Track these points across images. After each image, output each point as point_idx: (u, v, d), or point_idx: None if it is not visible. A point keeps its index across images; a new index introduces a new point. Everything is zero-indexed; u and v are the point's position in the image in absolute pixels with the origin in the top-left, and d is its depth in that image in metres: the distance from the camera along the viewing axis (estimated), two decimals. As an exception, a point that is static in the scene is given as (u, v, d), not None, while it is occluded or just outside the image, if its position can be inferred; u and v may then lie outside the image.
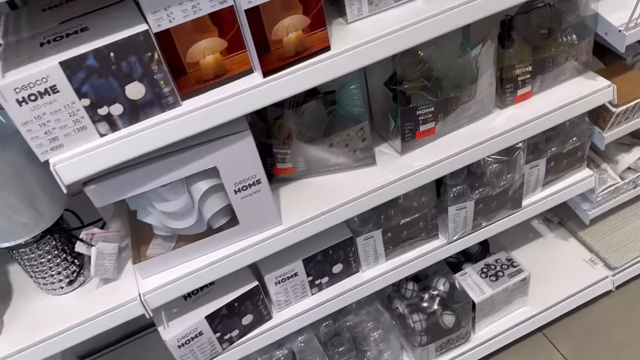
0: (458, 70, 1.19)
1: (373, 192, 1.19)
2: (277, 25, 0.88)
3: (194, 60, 0.88)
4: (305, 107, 1.12)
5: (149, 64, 0.83)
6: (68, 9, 0.92)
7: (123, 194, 0.97)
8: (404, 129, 1.19)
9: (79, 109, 0.83)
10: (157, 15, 0.81)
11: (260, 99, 0.94)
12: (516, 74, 1.25)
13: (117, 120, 0.86)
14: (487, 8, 1.03)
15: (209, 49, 0.88)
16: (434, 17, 0.99)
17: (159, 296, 1.10)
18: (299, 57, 0.93)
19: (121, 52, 0.81)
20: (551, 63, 1.26)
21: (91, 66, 0.80)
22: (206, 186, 1.03)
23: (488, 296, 1.46)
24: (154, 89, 0.86)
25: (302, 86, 0.96)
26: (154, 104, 0.87)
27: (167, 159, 0.95)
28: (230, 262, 1.13)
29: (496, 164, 1.33)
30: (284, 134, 1.15)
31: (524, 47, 1.24)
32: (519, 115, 1.27)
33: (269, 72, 0.92)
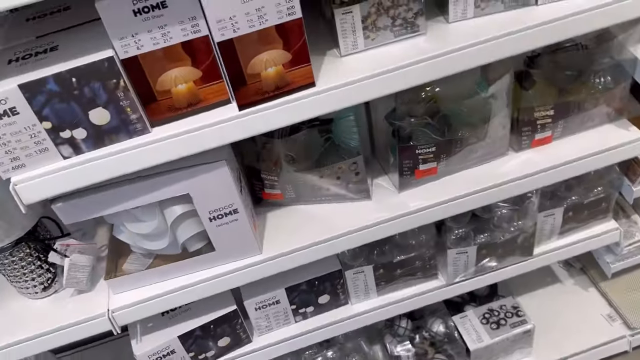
0: (468, 110, 1.09)
1: (363, 230, 1.12)
2: (254, 59, 0.82)
3: (164, 89, 0.83)
4: (295, 137, 1.06)
5: (114, 90, 0.80)
6: (49, 21, 0.89)
7: (92, 213, 0.95)
8: (403, 167, 1.11)
9: (40, 132, 0.80)
10: (124, 41, 0.77)
11: (235, 131, 0.89)
12: (535, 116, 1.14)
13: (80, 143, 0.84)
14: (496, 53, 0.93)
15: (181, 77, 0.83)
16: (436, 59, 0.91)
17: (128, 314, 1.08)
18: (279, 92, 0.87)
19: (84, 77, 0.77)
20: (577, 108, 1.14)
21: (52, 90, 0.77)
22: (181, 211, 0.99)
23: (485, 345, 1.37)
24: (120, 115, 0.82)
25: (281, 122, 0.90)
26: (120, 130, 0.84)
27: (137, 183, 0.92)
28: (206, 287, 1.10)
29: (505, 210, 1.23)
30: (273, 160, 1.10)
31: (546, 88, 1.12)
32: (535, 161, 1.16)
33: (245, 105, 0.86)
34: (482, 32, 0.92)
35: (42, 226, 1.07)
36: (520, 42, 0.93)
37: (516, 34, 0.92)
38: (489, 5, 0.93)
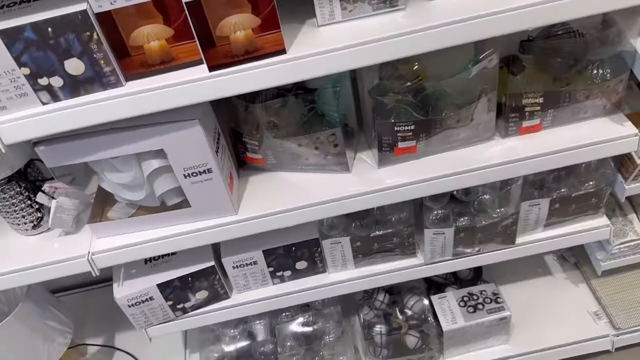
0: (452, 90, 1.08)
1: (338, 200, 1.14)
2: (222, 21, 0.84)
3: (137, 44, 0.87)
4: (277, 103, 1.08)
5: (87, 42, 0.83)
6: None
7: (72, 159, 1.00)
8: (382, 143, 1.12)
9: (20, 77, 0.85)
10: (97, -5, 0.80)
11: (205, 91, 0.91)
12: (523, 103, 1.12)
13: (57, 91, 0.88)
14: (476, 32, 0.92)
15: (153, 34, 0.86)
16: (413, 34, 0.90)
17: (107, 258, 1.14)
18: (248, 57, 0.88)
19: (58, 28, 0.81)
20: (568, 98, 1.11)
21: (29, 38, 0.81)
22: (157, 165, 1.04)
23: (459, 327, 1.38)
24: (94, 67, 0.86)
25: (251, 86, 0.92)
26: (95, 81, 0.88)
27: (113, 134, 0.96)
28: (183, 239, 1.15)
29: (485, 195, 1.22)
30: (254, 125, 1.13)
31: (536, 75, 1.10)
32: (519, 148, 1.15)
33: (215, 67, 0.89)
34: (462, 11, 0.91)
35: (34, 168, 1.14)
36: (502, 23, 0.91)
37: (499, 15, 0.90)
38: (471, -16, 0.92)
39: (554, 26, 1.06)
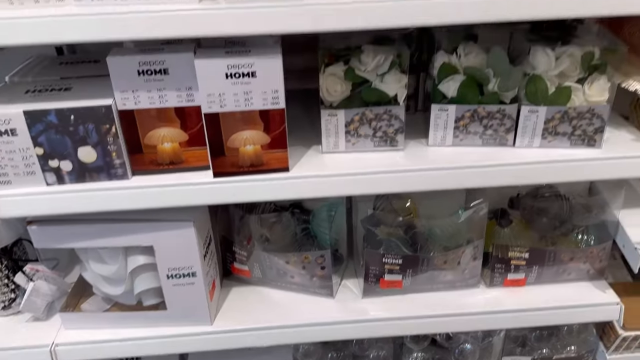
0: (442, 232, 1.12)
1: (317, 326, 1.12)
2: (235, 134, 0.90)
3: (152, 143, 0.92)
4: (267, 217, 1.11)
5: (105, 134, 0.89)
6: (78, 67, 1.02)
7: (62, 243, 1.00)
8: (369, 273, 1.13)
9: (32, 155, 0.89)
10: (124, 95, 0.87)
11: (206, 196, 0.95)
12: (509, 256, 1.14)
13: (65, 175, 0.92)
14: (466, 181, 0.97)
15: (169, 137, 0.92)
16: (407, 172, 0.96)
17: (71, 352, 1.09)
18: (253, 169, 0.93)
19: (81, 117, 0.87)
20: (553, 257, 1.14)
21: (51, 121, 0.87)
22: (143, 261, 1.04)
23: None
24: (105, 158, 0.91)
25: (252, 196, 0.96)
26: (102, 171, 0.92)
27: (108, 224, 0.98)
28: (153, 344, 1.11)
29: (467, 344, 1.20)
30: (247, 236, 1.15)
31: (523, 230, 1.14)
32: (503, 300, 1.15)
33: (219, 173, 0.93)
34: (457, 159, 0.97)
35: (20, 247, 1.14)
36: (491, 176, 0.97)
37: (489, 169, 0.97)
38: (467, 137, 0.99)
39: (542, 187, 1.13)
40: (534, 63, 0.94)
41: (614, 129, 1.04)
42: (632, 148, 0.98)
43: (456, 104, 0.97)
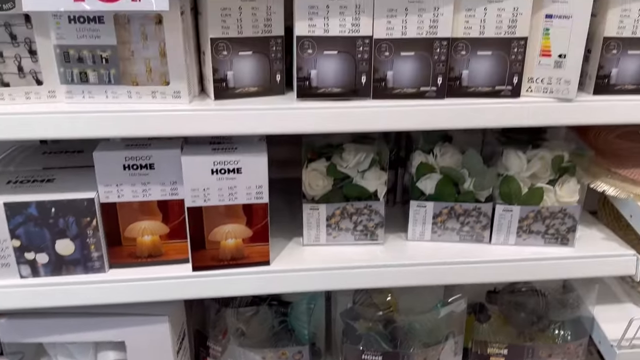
0: (422, 327, 1.11)
1: None
2: (217, 228, 0.90)
3: (132, 236, 0.91)
4: (244, 310, 1.09)
5: (85, 227, 0.88)
6: (61, 158, 1.02)
7: (31, 337, 0.97)
8: (347, 370, 1.10)
9: (8, 247, 0.88)
10: (108, 188, 0.88)
11: (185, 291, 0.93)
12: (489, 352, 1.13)
13: (40, 267, 0.90)
14: (444, 278, 0.99)
15: (149, 230, 0.91)
16: (387, 268, 0.97)
17: None
18: (233, 263, 0.93)
19: (62, 210, 0.86)
20: (531, 354, 1.14)
21: (31, 214, 0.86)
22: (114, 357, 1.00)
23: None
24: (83, 251, 0.89)
25: (231, 291, 0.95)
26: (79, 264, 0.90)
27: (79, 318, 0.95)
28: None
29: None
30: (222, 330, 1.12)
31: (502, 326, 1.14)
32: (484, 398, 1.13)
33: (199, 267, 0.92)
34: (436, 255, 0.99)
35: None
36: (468, 274, 0.99)
37: (465, 265, 0.98)
38: (445, 233, 1.02)
39: (518, 282, 1.14)
40: (506, 165, 0.98)
41: (585, 227, 1.08)
42: (603, 247, 1.01)
43: (434, 201, 0.99)
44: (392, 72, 0.87)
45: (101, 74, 0.81)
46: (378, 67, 0.86)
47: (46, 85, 0.82)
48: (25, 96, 0.81)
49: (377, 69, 0.86)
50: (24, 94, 0.81)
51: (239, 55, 0.84)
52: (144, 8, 0.72)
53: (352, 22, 0.84)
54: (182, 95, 0.82)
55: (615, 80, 0.88)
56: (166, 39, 0.79)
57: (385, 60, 0.86)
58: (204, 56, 0.86)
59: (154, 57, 0.81)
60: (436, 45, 0.85)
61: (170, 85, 0.82)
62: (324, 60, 0.85)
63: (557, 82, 0.87)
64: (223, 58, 0.84)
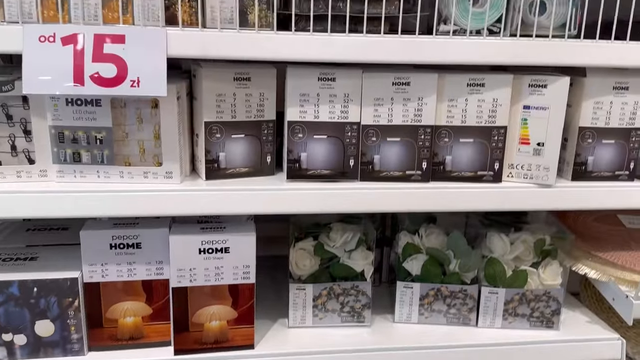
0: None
1: None
2: (201, 309, 0.89)
3: (113, 317, 0.89)
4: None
5: (67, 308, 0.86)
6: (45, 235, 1.01)
7: None
8: None
9: (-16, 328, 0.85)
10: (93, 267, 0.86)
11: (165, 376, 0.90)
12: None
13: (17, 349, 0.86)
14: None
15: (132, 311, 0.89)
16: (374, 352, 0.95)
17: None
18: (217, 346, 0.91)
19: (44, 289, 0.85)
20: None
21: (12, 294, 0.84)
22: None
23: None
24: (63, 332, 0.87)
25: (212, 375, 0.92)
26: (57, 346, 0.87)
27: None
28: None
29: None
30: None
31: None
32: None
33: (181, 351, 0.90)
34: (421, 339, 0.98)
35: None
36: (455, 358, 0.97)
37: (452, 349, 0.97)
38: (432, 315, 1.01)
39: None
40: (490, 247, 1.00)
41: (569, 309, 1.09)
42: (588, 331, 1.02)
43: (420, 282, 1.00)
44: (378, 156, 0.90)
45: (94, 155, 0.82)
46: (365, 151, 0.89)
47: (38, 164, 0.82)
48: (17, 175, 0.82)
49: (365, 153, 0.89)
50: (15, 172, 0.82)
51: (231, 138, 0.87)
52: (143, 94, 0.74)
53: (341, 109, 0.87)
54: (174, 175, 0.84)
55: (592, 168, 0.93)
56: (161, 122, 0.81)
57: (372, 145, 0.89)
58: (197, 138, 0.88)
59: (148, 139, 0.82)
60: (420, 132, 0.89)
61: (162, 166, 0.83)
62: (314, 144, 0.88)
63: (536, 169, 0.90)
64: (216, 140, 0.86)
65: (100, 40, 0.74)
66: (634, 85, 0.90)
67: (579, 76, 0.90)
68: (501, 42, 0.84)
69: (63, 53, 0.73)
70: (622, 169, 0.93)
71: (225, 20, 0.80)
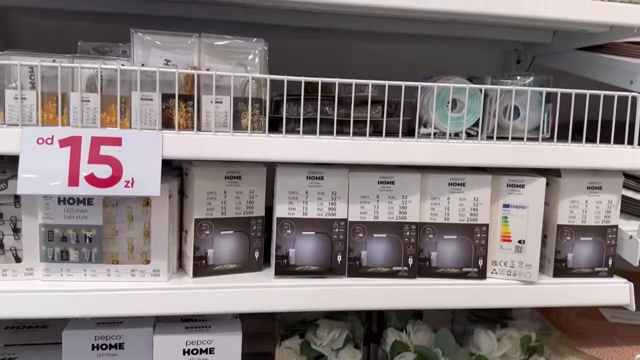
0: None
1: None
2: (185, 414, 0.86)
3: (91, 423, 0.85)
4: None
5: (42, 413, 0.82)
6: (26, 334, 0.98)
7: None
8: None
9: None
10: None
11: None
12: None
13: None
14: None
15: (111, 416, 0.85)
16: None
17: None
18: None
19: (20, 394, 0.81)
20: None
21: (-15, 399, 0.80)
22: None
23: None
24: None
25: None
26: None
27: None
28: None
29: None
30: None
31: None
32: None
33: None
34: None
35: None
36: None
37: None
38: (421, 416, 0.99)
39: None
40: (478, 344, 1.00)
41: (559, 407, 1.07)
42: None
43: (409, 380, 0.98)
44: (365, 252, 0.91)
45: (83, 253, 0.82)
46: (353, 247, 0.91)
47: (25, 262, 0.82)
48: (2, 273, 0.81)
49: (352, 249, 0.91)
50: (1, 271, 0.81)
51: (220, 234, 0.88)
52: (137, 194, 0.76)
53: (329, 206, 0.90)
54: (162, 273, 0.84)
55: (572, 264, 0.95)
56: (152, 220, 0.83)
57: (359, 241, 0.91)
58: (186, 235, 0.89)
59: (137, 237, 0.83)
60: (406, 229, 0.92)
61: (150, 263, 0.83)
62: (302, 240, 0.89)
63: (519, 266, 0.93)
64: (205, 237, 0.87)
65: (97, 142, 0.76)
66: (607, 185, 0.95)
67: (555, 176, 0.95)
68: (479, 145, 0.89)
69: (60, 155, 0.75)
70: (601, 265, 0.96)
71: (220, 124, 0.84)
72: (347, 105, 0.89)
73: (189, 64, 0.83)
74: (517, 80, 0.98)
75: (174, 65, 0.82)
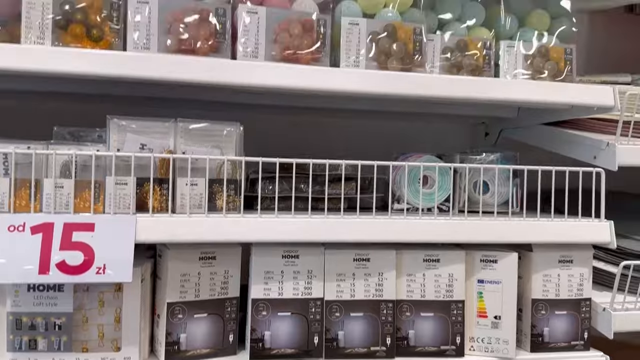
0: None
1: None
2: None
3: None
4: None
5: None
6: None
7: None
8: None
9: None
10: None
11: None
12: None
13: None
14: None
15: None
16: None
17: None
18: None
19: None
20: None
21: None
22: None
23: None
24: None
25: None
26: None
27: None
28: None
29: None
30: None
31: None
32: None
33: None
34: None
35: None
36: None
37: None
38: None
39: None
40: None
41: None
42: None
43: None
44: (343, 332, 0.90)
45: (51, 342, 0.79)
46: (330, 327, 0.90)
47: (-11, 354, 0.79)
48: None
49: (329, 329, 0.90)
50: (-37, 363, 0.78)
51: (193, 318, 0.86)
52: (108, 280, 0.75)
53: (304, 285, 0.89)
54: (133, 360, 0.81)
55: (549, 339, 0.95)
56: (124, 305, 0.81)
57: (336, 320, 0.90)
58: (159, 318, 0.87)
59: (108, 323, 0.81)
60: (382, 307, 0.91)
61: (121, 351, 0.81)
62: (278, 322, 0.88)
63: (496, 342, 0.92)
64: (178, 321, 0.85)
65: (70, 228, 0.75)
66: (578, 258, 0.97)
67: (527, 250, 0.96)
68: (452, 222, 0.90)
69: (31, 242, 0.74)
70: (577, 339, 0.96)
71: (195, 205, 0.84)
72: (322, 182, 0.91)
73: (165, 148, 0.84)
74: (483, 157, 1.01)
75: (149, 149, 0.83)
